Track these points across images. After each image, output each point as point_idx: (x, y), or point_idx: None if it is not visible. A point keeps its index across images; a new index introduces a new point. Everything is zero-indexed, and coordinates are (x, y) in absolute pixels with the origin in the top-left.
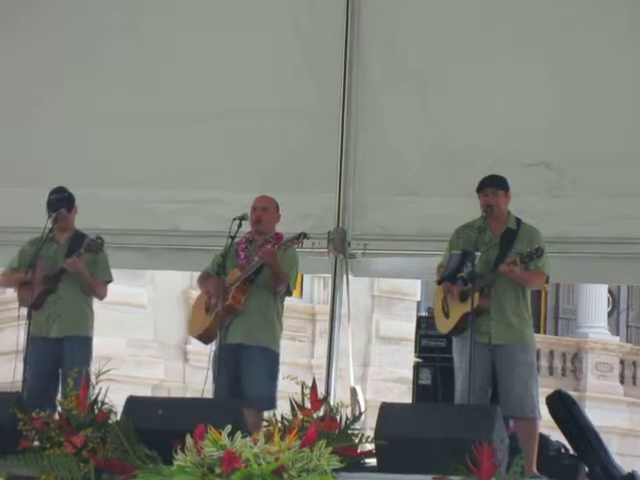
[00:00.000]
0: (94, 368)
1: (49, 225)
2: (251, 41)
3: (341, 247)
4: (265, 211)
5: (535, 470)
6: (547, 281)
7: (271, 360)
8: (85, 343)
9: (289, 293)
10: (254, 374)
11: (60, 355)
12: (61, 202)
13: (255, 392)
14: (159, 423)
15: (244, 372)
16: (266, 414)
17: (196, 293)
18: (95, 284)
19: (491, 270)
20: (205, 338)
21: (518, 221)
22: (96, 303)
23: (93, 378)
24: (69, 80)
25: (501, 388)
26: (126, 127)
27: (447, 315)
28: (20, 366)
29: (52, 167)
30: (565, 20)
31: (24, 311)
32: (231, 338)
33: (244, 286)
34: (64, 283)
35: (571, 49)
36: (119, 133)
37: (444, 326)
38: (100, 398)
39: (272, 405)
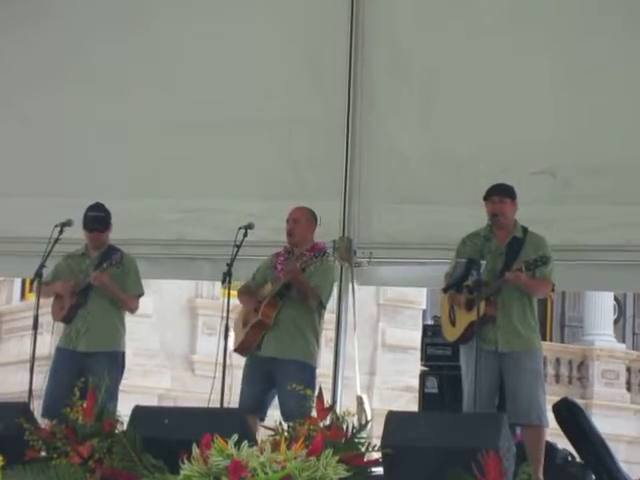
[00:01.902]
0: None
1: (55, 235)
2: (256, 50)
3: (347, 256)
4: (297, 223)
5: (542, 478)
6: (553, 289)
7: (306, 374)
8: (113, 358)
9: (322, 306)
10: (287, 388)
11: (85, 368)
12: (96, 222)
13: (288, 407)
14: (165, 432)
15: (278, 386)
16: (272, 423)
17: (201, 302)
18: (124, 298)
19: (497, 278)
20: (241, 351)
21: (524, 230)
22: None
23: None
24: (73, 89)
25: (508, 396)
26: (130, 136)
27: (453, 323)
28: (23, 377)
29: (55, 177)
30: (571, 26)
31: (27, 322)
32: (265, 351)
33: (274, 301)
34: (93, 297)
35: (577, 57)
36: (123, 142)
37: (451, 334)
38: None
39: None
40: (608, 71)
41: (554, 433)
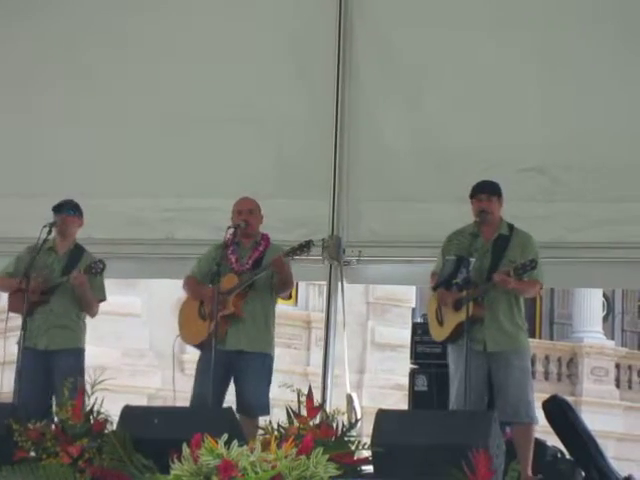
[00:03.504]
0: (88, 378)
1: (43, 235)
2: (244, 49)
3: (336, 254)
4: (252, 213)
5: (531, 474)
6: (541, 288)
7: (269, 366)
8: (75, 355)
9: (290, 296)
10: (253, 381)
11: (50, 367)
12: (67, 205)
13: (254, 400)
14: (155, 432)
15: (242, 379)
16: (262, 422)
17: None
18: (92, 302)
19: (485, 280)
20: (205, 346)
21: (510, 227)
22: None
23: (88, 388)
24: (63, 89)
25: (497, 394)
26: (119, 136)
27: (441, 323)
28: (9, 377)
29: (45, 177)
30: (557, 24)
31: (12, 322)
32: (230, 345)
33: (243, 291)
34: (56, 295)
35: (565, 55)
36: (112, 142)
37: (439, 334)
38: (96, 408)
39: (268, 411)
40: (596, 69)
41: (543, 430)
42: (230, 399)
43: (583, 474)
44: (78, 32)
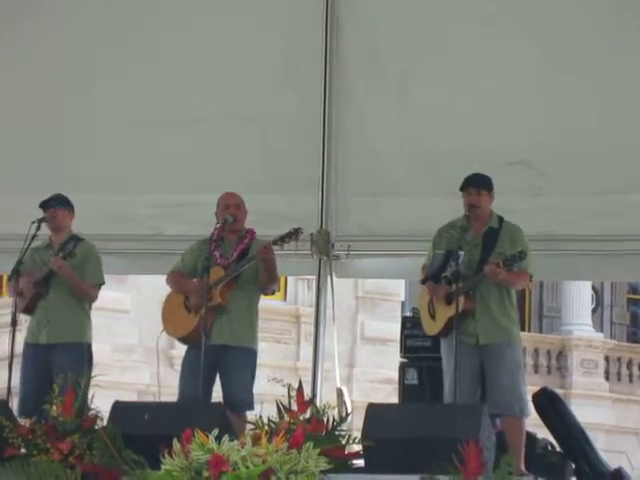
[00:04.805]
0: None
1: (32, 231)
2: (232, 46)
3: (325, 249)
4: (239, 208)
5: (523, 468)
6: (531, 279)
7: (253, 361)
8: (76, 349)
9: (275, 290)
10: (239, 376)
11: (51, 361)
12: (53, 199)
13: (240, 395)
14: (146, 428)
15: (228, 374)
16: (252, 417)
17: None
18: (83, 286)
19: (475, 272)
20: (190, 339)
21: (500, 219)
22: None
23: (82, 384)
24: (55, 87)
25: (489, 387)
26: (109, 133)
27: (433, 317)
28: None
29: (36, 173)
30: (542, 18)
31: (6, 319)
32: (215, 339)
33: (229, 283)
34: (54, 288)
35: (550, 49)
36: (101, 138)
37: (431, 328)
38: (87, 404)
39: (252, 406)
40: (581, 62)
41: (534, 423)
42: (219, 394)
43: (573, 466)
44: (77, 31)
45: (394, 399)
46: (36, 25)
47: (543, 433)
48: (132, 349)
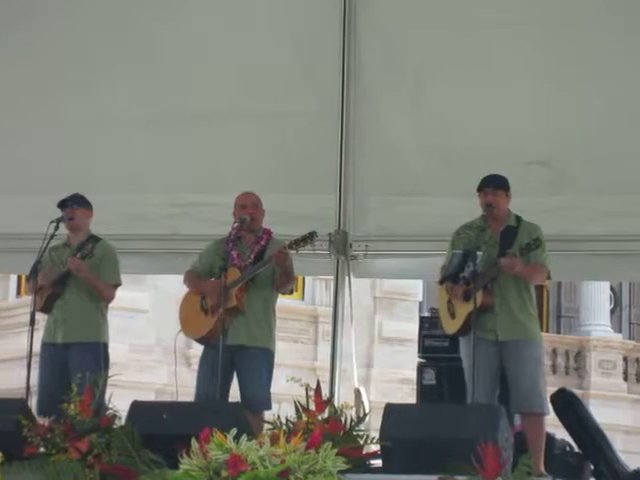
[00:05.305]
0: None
1: (50, 231)
2: (249, 45)
3: (342, 249)
4: (256, 208)
5: (543, 469)
6: (549, 277)
7: (270, 361)
8: (92, 349)
9: (292, 291)
10: (256, 376)
11: (67, 361)
12: (69, 199)
13: (257, 395)
14: (164, 427)
15: (245, 374)
16: (270, 416)
17: None
18: (100, 286)
19: (493, 265)
20: (207, 340)
21: (518, 218)
22: None
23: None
24: (67, 86)
25: (510, 385)
26: (124, 131)
27: (453, 315)
28: (19, 373)
29: (51, 173)
30: (564, 17)
31: (25, 318)
32: (231, 339)
33: (245, 285)
34: (71, 287)
35: (570, 47)
36: (118, 137)
37: (450, 327)
38: (104, 404)
39: (270, 406)
40: (600, 60)
41: (552, 423)
42: (237, 394)
43: (592, 467)
44: (80, 32)
45: (412, 399)
46: (59, 21)
47: (561, 434)
48: (150, 349)
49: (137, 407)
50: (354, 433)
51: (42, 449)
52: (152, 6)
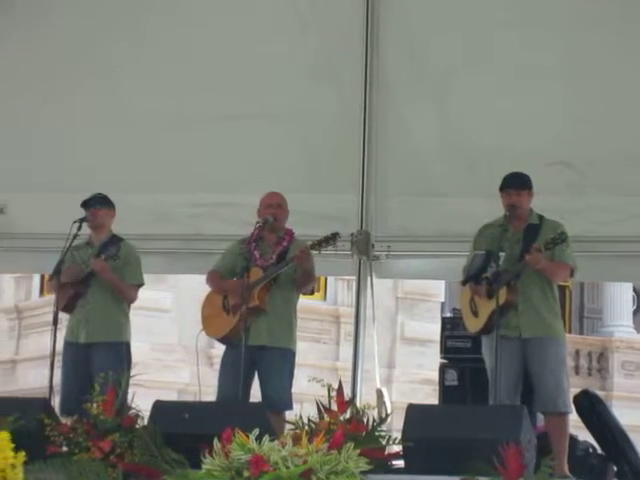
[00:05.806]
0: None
1: (74, 231)
2: (272, 45)
3: (365, 249)
4: (281, 208)
5: (567, 470)
6: (572, 274)
7: (291, 361)
8: (115, 349)
9: (313, 292)
10: (277, 376)
11: (90, 360)
12: (93, 199)
13: (279, 395)
14: (186, 427)
15: (266, 375)
16: (292, 417)
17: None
18: (123, 287)
19: (517, 262)
20: (229, 339)
21: (540, 217)
22: None
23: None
24: (92, 86)
25: (533, 383)
26: (148, 131)
27: (476, 314)
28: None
29: (75, 173)
30: (583, 20)
31: (48, 317)
32: (253, 339)
33: (267, 285)
34: (94, 287)
35: (590, 49)
36: (141, 138)
37: (474, 325)
38: (126, 403)
39: (291, 406)
40: (621, 62)
41: (575, 425)
42: (257, 394)
43: (615, 469)
44: (102, 31)
45: (434, 400)
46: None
47: (584, 435)
48: (172, 348)
49: (159, 407)
50: (376, 433)
51: (65, 448)
52: (176, 6)
